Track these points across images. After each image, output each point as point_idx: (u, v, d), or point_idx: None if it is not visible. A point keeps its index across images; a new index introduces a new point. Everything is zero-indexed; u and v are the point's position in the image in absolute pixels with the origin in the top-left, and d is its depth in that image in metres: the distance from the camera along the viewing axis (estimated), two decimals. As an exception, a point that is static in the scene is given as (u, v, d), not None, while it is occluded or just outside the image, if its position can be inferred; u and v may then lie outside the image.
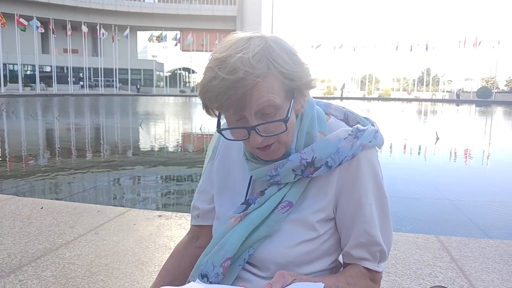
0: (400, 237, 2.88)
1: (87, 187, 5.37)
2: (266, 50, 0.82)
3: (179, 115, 21.34)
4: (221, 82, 0.80)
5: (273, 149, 0.89)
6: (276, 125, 0.85)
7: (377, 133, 0.95)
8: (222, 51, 0.83)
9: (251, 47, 0.81)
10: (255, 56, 0.80)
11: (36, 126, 14.28)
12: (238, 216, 0.93)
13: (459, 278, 2.28)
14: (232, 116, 0.86)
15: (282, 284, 0.81)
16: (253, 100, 0.81)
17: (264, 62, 0.81)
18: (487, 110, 31.27)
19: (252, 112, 0.83)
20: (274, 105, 0.83)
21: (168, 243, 2.75)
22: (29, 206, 3.48)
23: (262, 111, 0.83)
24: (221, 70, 0.80)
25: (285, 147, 0.90)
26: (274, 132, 0.85)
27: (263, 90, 0.81)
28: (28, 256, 2.49)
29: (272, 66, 0.81)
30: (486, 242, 2.88)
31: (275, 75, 0.82)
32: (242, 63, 0.79)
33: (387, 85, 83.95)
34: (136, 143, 10.42)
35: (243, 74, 0.79)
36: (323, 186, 0.93)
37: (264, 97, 0.82)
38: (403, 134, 12.53)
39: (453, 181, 6.02)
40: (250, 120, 0.84)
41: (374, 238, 0.93)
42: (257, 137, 0.85)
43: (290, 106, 0.86)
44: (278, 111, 0.84)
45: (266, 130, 0.85)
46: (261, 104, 0.82)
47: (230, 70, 0.79)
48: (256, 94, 0.81)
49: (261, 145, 0.87)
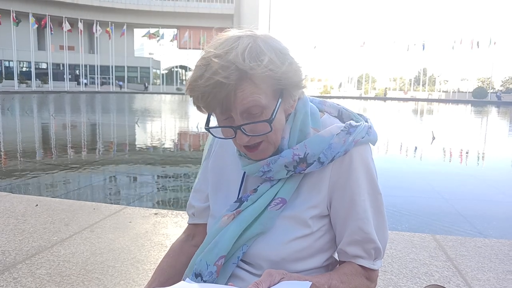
0: (396, 236, 2.88)
1: (83, 184, 5.35)
2: (253, 50, 0.81)
3: (176, 113, 21.30)
4: (206, 82, 0.80)
5: (262, 148, 0.89)
6: (261, 125, 0.85)
7: (370, 129, 0.95)
8: (211, 50, 0.82)
9: (239, 46, 0.81)
10: (241, 56, 0.80)
11: (32, 123, 14.21)
12: (231, 214, 0.93)
13: (455, 277, 2.29)
14: (220, 115, 0.86)
15: (269, 283, 0.80)
16: (237, 100, 0.81)
17: (250, 62, 0.80)
18: (483, 110, 31.40)
19: (238, 112, 0.83)
20: (259, 105, 0.83)
21: (163, 241, 2.74)
22: (24, 203, 3.46)
23: (248, 111, 0.83)
24: (207, 69, 0.80)
25: (274, 147, 0.90)
26: (260, 132, 0.85)
27: (248, 90, 0.81)
28: (22, 253, 2.47)
29: (258, 66, 0.80)
30: (481, 241, 2.89)
31: (261, 75, 0.81)
32: (228, 62, 0.79)
33: (384, 84, 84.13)
34: (132, 141, 10.39)
35: (227, 74, 0.79)
36: (316, 182, 0.93)
37: (249, 98, 0.81)
38: (399, 133, 12.56)
39: (449, 180, 6.04)
40: (236, 120, 0.84)
41: (369, 235, 0.92)
42: (243, 136, 0.85)
43: (276, 107, 0.85)
44: (265, 111, 0.84)
45: (251, 130, 0.85)
46: (246, 104, 0.82)
47: (215, 70, 0.79)
48: (241, 95, 0.81)
49: (247, 143, 0.87)
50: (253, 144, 0.88)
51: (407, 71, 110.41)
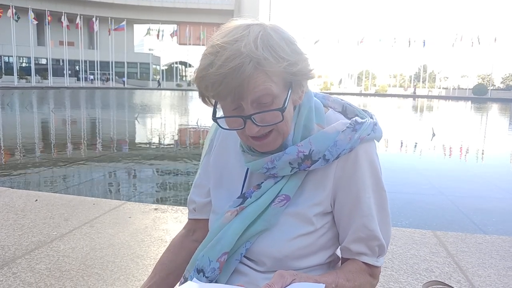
0: (397, 232, 2.88)
1: (83, 179, 5.34)
2: (264, 38, 0.80)
3: (177, 108, 21.29)
4: (218, 70, 0.78)
5: (271, 139, 0.87)
6: (272, 114, 0.83)
7: (376, 126, 0.93)
8: (220, 38, 0.80)
9: (250, 34, 0.79)
10: (254, 44, 0.78)
11: (32, 118, 14.19)
12: (234, 210, 0.92)
13: (456, 273, 2.28)
14: (229, 105, 0.84)
15: (281, 284, 0.79)
16: (250, 88, 0.79)
17: (262, 50, 0.78)
18: (483, 106, 31.38)
19: (249, 101, 0.81)
20: (271, 94, 0.81)
21: (163, 237, 2.73)
22: (23, 199, 3.45)
23: (258, 100, 0.81)
24: (218, 57, 0.78)
25: (283, 138, 0.88)
26: (270, 122, 0.83)
27: (260, 79, 0.79)
28: (22, 248, 2.47)
29: (270, 54, 0.79)
30: (482, 237, 2.89)
31: (273, 64, 0.79)
32: (240, 50, 0.77)
33: (384, 81, 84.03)
34: (132, 136, 10.38)
35: (240, 62, 0.77)
36: (320, 179, 0.91)
37: (261, 86, 0.80)
38: (400, 130, 12.56)
39: (450, 176, 6.03)
40: (246, 109, 0.82)
41: (373, 232, 0.92)
42: (253, 126, 0.83)
43: (288, 96, 0.84)
44: (275, 101, 0.82)
45: (262, 120, 0.83)
46: (257, 92, 0.80)
47: (227, 58, 0.77)
48: (253, 83, 0.79)
49: (257, 134, 0.84)
50: (262, 135, 0.86)
51: (407, 67, 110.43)
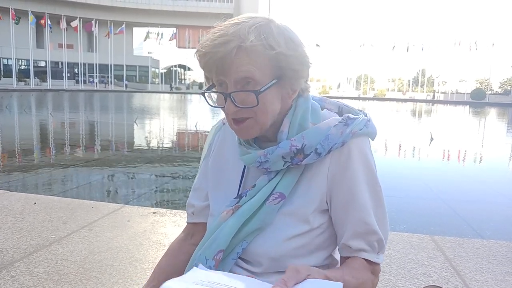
0: (394, 236, 2.89)
1: (81, 182, 5.34)
2: (263, 28, 0.85)
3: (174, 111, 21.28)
4: (211, 42, 0.85)
5: (247, 125, 0.89)
6: (250, 97, 0.86)
7: (369, 122, 0.95)
8: (228, 22, 0.87)
9: (250, 22, 0.85)
10: (247, 29, 0.83)
11: (30, 121, 14.17)
12: (230, 209, 0.93)
13: (453, 278, 2.29)
14: (216, 81, 0.89)
15: (296, 280, 0.74)
16: (233, 68, 0.84)
17: (256, 36, 0.83)
18: (481, 111, 31.45)
19: (232, 80, 0.85)
20: (252, 78, 0.84)
21: (162, 240, 2.73)
22: (22, 202, 3.45)
23: (241, 81, 0.85)
24: (214, 33, 0.85)
25: (260, 128, 0.90)
26: (248, 104, 0.86)
27: (244, 60, 0.84)
28: (20, 252, 2.47)
29: (259, 41, 0.83)
30: (480, 242, 2.89)
31: (263, 52, 0.84)
32: (233, 31, 0.83)
33: (382, 85, 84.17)
34: (131, 140, 10.38)
35: (227, 39, 0.83)
36: (315, 176, 0.92)
37: (244, 67, 0.84)
38: (398, 134, 12.57)
39: (447, 181, 6.05)
40: (229, 88, 0.87)
41: (370, 226, 0.91)
42: (231, 106, 0.87)
43: (269, 84, 0.86)
44: (257, 86, 0.85)
45: (241, 101, 0.86)
46: (240, 73, 0.84)
47: (220, 35, 0.84)
48: (237, 62, 0.83)
49: (234, 116, 0.88)
50: (240, 118, 0.89)
51: (405, 72, 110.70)
